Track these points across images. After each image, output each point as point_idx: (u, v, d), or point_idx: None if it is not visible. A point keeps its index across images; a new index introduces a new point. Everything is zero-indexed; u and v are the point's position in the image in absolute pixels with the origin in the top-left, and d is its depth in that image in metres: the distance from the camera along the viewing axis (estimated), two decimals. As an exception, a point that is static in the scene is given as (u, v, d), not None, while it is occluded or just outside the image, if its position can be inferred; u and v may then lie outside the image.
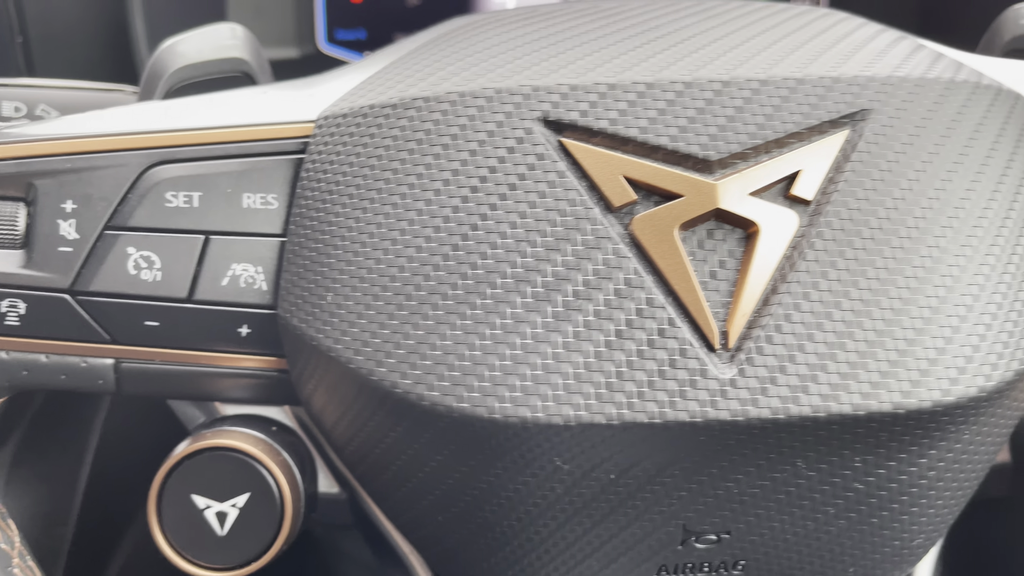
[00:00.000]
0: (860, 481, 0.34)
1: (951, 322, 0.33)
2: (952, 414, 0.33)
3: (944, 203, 0.33)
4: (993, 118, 0.36)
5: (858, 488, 0.35)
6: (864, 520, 0.35)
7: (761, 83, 0.34)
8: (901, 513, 0.36)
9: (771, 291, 0.32)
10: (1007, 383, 0.33)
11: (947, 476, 0.36)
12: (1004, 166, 0.35)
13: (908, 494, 0.35)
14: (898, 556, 0.38)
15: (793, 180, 0.33)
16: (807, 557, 0.37)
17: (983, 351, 0.33)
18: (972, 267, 0.33)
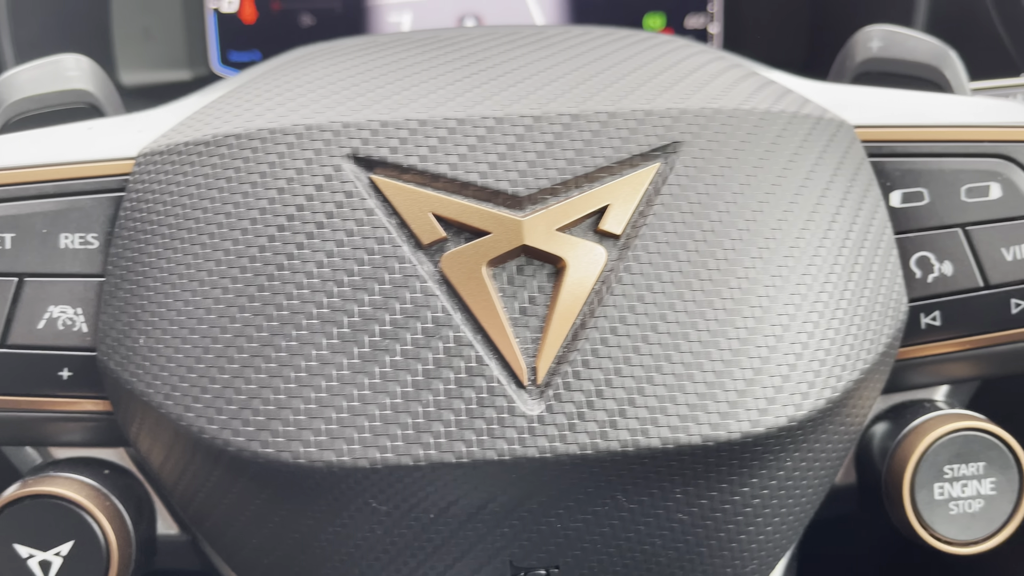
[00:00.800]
0: (683, 512, 0.34)
1: (761, 353, 0.33)
2: (765, 444, 0.33)
3: (755, 233, 0.34)
4: (811, 147, 0.36)
5: (682, 519, 0.35)
6: (692, 550, 0.36)
7: (572, 118, 0.34)
8: (730, 541, 0.36)
9: (580, 326, 0.32)
10: (820, 412, 0.34)
11: (774, 503, 0.36)
12: (820, 195, 0.35)
13: (734, 522, 0.35)
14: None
15: (603, 214, 0.33)
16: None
17: (793, 380, 0.33)
18: (783, 297, 0.34)
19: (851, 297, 0.35)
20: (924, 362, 0.41)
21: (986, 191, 0.39)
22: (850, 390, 0.35)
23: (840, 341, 0.34)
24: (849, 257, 0.35)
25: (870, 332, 0.35)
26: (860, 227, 0.36)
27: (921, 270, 0.39)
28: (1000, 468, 0.40)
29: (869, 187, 0.38)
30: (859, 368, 0.35)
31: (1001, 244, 0.39)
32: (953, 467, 0.40)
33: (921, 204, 0.39)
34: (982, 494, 0.40)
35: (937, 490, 0.40)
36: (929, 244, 0.39)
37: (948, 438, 0.40)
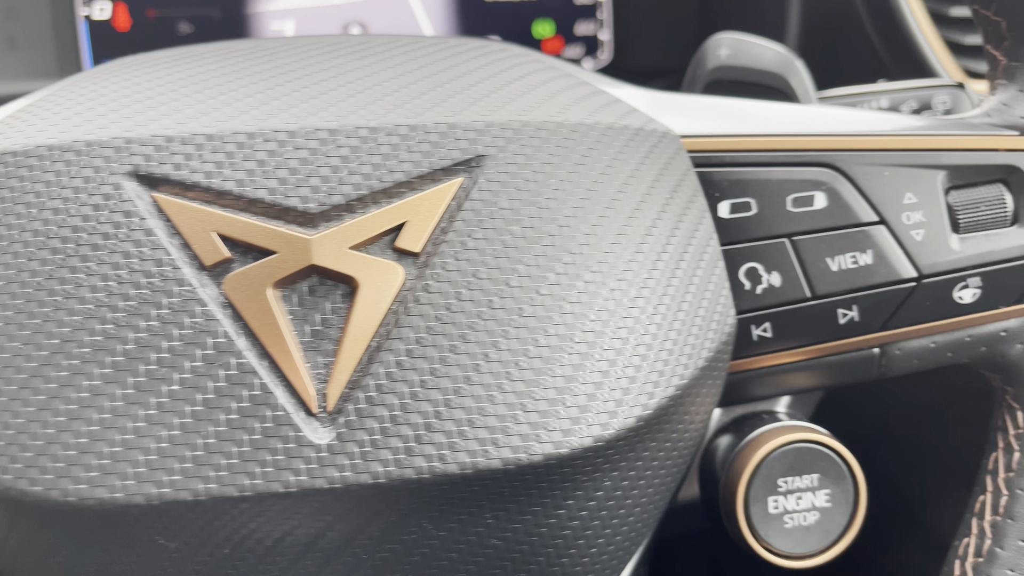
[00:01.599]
0: (497, 537, 0.33)
1: (565, 372, 0.32)
2: (574, 465, 0.32)
3: (562, 248, 0.33)
4: (627, 158, 0.35)
5: (496, 544, 0.33)
6: (512, 575, 0.34)
7: (371, 131, 0.32)
8: (551, 565, 0.35)
9: (375, 349, 0.31)
10: (632, 429, 0.33)
11: (597, 523, 0.35)
12: (635, 206, 0.35)
13: (554, 545, 0.34)
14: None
15: (400, 231, 0.32)
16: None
17: (600, 399, 0.32)
18: (590, 312, 0.33)
19: (666, 311, 0.34)
20: (760, 374, 0.41)
21: (811, 200, 0.38)
22: (666, 406, 0.34)
23: (653, 356, 0.33)
24: (666, 269, 0.35)
25: (688, 346, 0.35)
26: (681, 238, 0.36)
27: (750, 281, 0.39)
28: (834, 480, 0.40)
29: (694, 197, 0.37)
30: (674, 383, 0.34)
31: (826, 254, 0.38)
32: (787, 480, 0.40)
33: (749, 214, 0.38)
34: (817, 506, 0.40)
35: (771, 504, 0.39)
36: (757, 255, 0.39)
37: (781, 451, 0.40)
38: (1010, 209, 0.38)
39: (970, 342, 0.39)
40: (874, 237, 0.38)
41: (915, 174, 0.38)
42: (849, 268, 0.38)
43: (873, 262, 0.38)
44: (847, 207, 0.38)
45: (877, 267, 0.38)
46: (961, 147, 0.38)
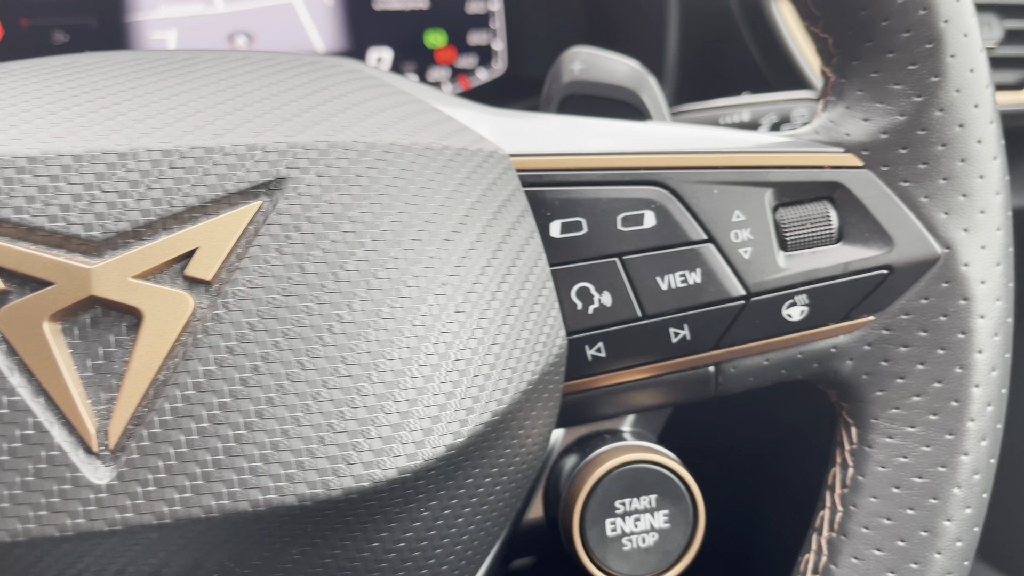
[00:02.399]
0: (306, 574, 0.32)
1: (368, 401, 0.31)
2: (379, 498, 0.31)
3: (367, 273, 0.32)
4: (445, 178, 0.34)
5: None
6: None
7: (163, 154, 0.31)
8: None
9: (162, 383, 0.30)
10: (441, 459, 0.32)
11: (417, 555, 0.34)
12: (452, 228, 0.34)
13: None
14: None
15: (191, 259, 0.30)
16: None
17: (406, 428, 0.31)
18: (397, 339, 0.32)
19: (484, 334, 0.33)
20: (599, 393, 0.40)
21: (641, 219, 0.38)
22: (484, 431, 0.33)
23: (467, 382, 0.33)
24: (485, 291, 0.34)
25: (509, 369, 0.34)
26: (504, 258, 0.35)
27: (582, 301, 0.38)
28: (672, 500, 0.39)
29: (521, 217, 0.36)
30: (491, 408, 0.33)
31: (656, 273, 0.38)
32: (625, 501, 0.39)
33: (580, 234, 0.38)
34: (655, 527, 0.39)
35: (609, 526, 0.39)
36: (589, 275, 0.38)
37: (617, 472, 0.39)
38: (835, 226, 0.38)
39: (802, 359, 0.39)
40: (703, 256, 0.38)
41: (743, 192, 0.38)
42: (679, 287, 0.38)
43: (702, 281, 0.38)
44: (676, 225, 0.38)
45: (706, 286, 0.38)
46: (787, 164, 0.38)
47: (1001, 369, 0.38)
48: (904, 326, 0.38)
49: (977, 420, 0.37)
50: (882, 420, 0.39)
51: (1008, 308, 0.38)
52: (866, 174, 0.38)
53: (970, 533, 0.38)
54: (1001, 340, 0.38)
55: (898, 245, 0.37)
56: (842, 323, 0.39)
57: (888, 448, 0.38)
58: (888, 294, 0.38)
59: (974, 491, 0.37)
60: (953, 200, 0.37)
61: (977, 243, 0.37)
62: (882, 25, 0.37)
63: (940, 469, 0.37)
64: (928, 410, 0.38)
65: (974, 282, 0.37)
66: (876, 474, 0.38)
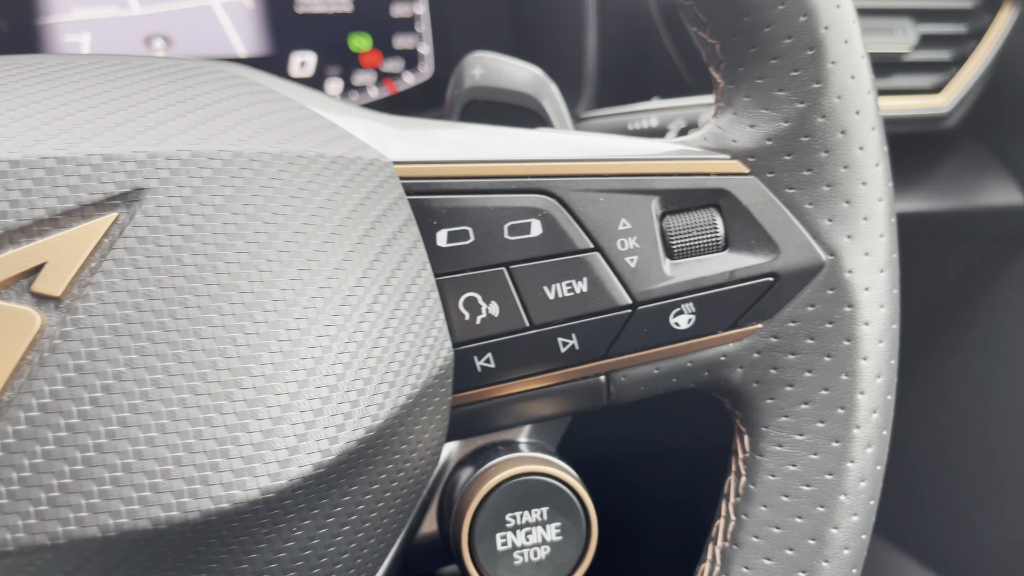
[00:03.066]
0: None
1: (228, 420, 0.30)
2: (243, 520, 0.30)
3: (229, 287, 0.31)
4: (318, 187, 0.34)
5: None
6: None
7: (11, 164, 0.30)
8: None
9: (6, 404, 0.28)
10: (308, 478, 0.31)
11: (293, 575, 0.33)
12: (325, 238, 0.33)
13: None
14: None
15: (38, 273, 0.29)
16: None
17: (270, 447, 0.30)
18: (261, 355, 0.31)
19: (357, 348, 0.32)
20: (492, 404, 0.39)
21: (528, 228, 0.37)
22: (358, 448, 0.32)
23: (338, 398, 0.32)
24: (360, 303, 0.33)
25: (386, 383, 0.33)
26: (383, 269, 0.34)
27: (469, 312, 0.37)
28: (564, 512, 0.39)
29: (403, 226, 0.35)
30: (365, 424, 0.32)
31: (543, 283, 0.37)
32: (516, 514, 0.39)
33: (467, 243, 0.37)
34: (547, 540, 0.39)
35: (499, 540, 0.38)
36: (476, 284, 0.37)
37: (508, 485, 0.39)
38: (721, 234, 0.38)
39: (692, 367, 0.39)
40: (590, 264, 0.37)
41: (629, 200, 0.38)
42: (566, 296, 0.37)
43: (589, 290, 0.37)
44: (562, 234, 0.37)
45: (593, 295, 0.37)
46: (673, 172, 0.38)
47: (886, 376, 0.38)
48: (791, 333, 0.38)
49: (863, 427, 0.37)
50: (772, 428, 0.38)
51: (892, 315, 0.38)
52: (752, 181, 0.37)
53: (857, 541, 0.38)
54: (886, 347, 0.38)
55: (783, 252, 0.37)
56: (730, 331, 0.38)
57: (778, 456, 0.38)
58: (775, 301, 0.38)
59: (860, 498, 0.37)
60: (837, 207, 0.37)
61: (861, 250, 0.37)
62: (765, 31, 0.37)
63: (827, 477, 0.37)
64: (816, 418, 0.38)
65: (858, 289, 0.37)
66: (766, 483, 0.38)
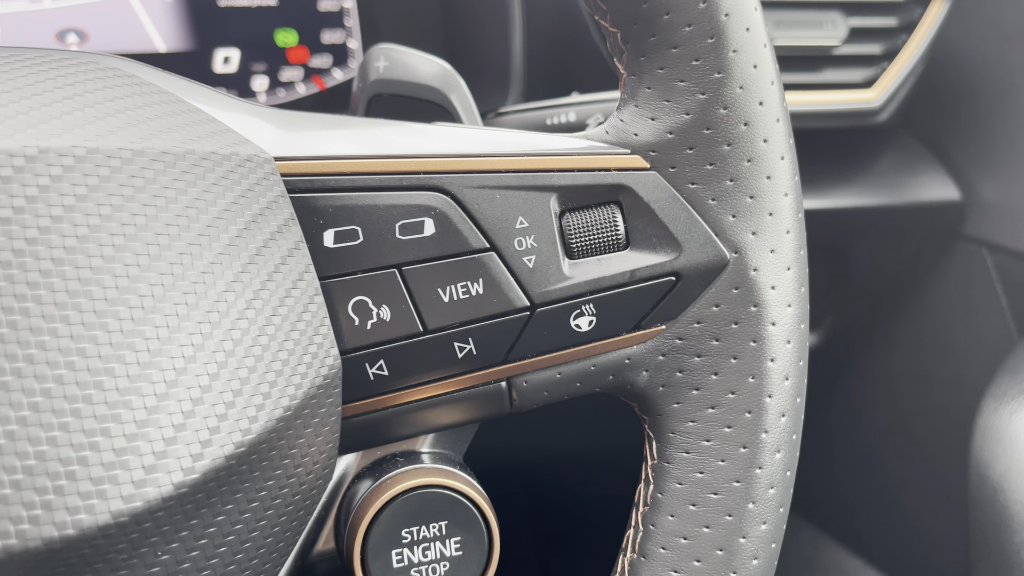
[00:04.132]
0: None
1: (75, 439, 0.27)
2: (108, 536, 0.28)
3: (77, 294, 0.28)
4: (186, 185, 0.31)
5: None
6: None
7: None
8: None
9: None
10: (169, 499, 0.29)
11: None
12: (192, 240, 0.31)
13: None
14: None
15: None
16: None
17: (121, 467, 0.28)
18: (116, 368, 0.28)
19: (225, 358, 0.30)
20: (387, 414, 0.37)
21: (420, 227, 0.35)
22: (223, 467, 0.30)
23: (204, 411, 0.29)
24: (230, 310, 0.31)
25: (260, 395, 0.31)
26: (258, 272, 0.32)
27: (359, 316, 0.35)
28: (464, 526, 0.37)
29: (283, 226, 0.33)
30: (234, 439, 0.30)
31: (437, 285, 0.35)
32: (412, 530, 0.37)
33: (355, 244, 0.35)
34: (447, 556, 0.37)
35: (395, 557, 0.36)
36: (366, 287, 0.35)
37: (402, 499, 0.36)
38: (622, 232, 0.36)
39: (595, 371, 0.37)
40: (485, 265, 0.35)
41: (527, 197, 0.36)
42: (462, 299, 0.36)
43: (485, 292, 0.36)
44: (457, 233, 0.35)
45: (489, 297, 0.36)
46: (572, 167, 0.36)
47: (795, 378, 0.36)
48: (696, 335, 0.36)
49: (771, 432, 0.36)
50: (679, 434, 0.37)
51: (801, 314, 0.36)
52: (653, 176, 0.36)
53: (767, 550, 0.36)
54: (794, 348, 0.36)
55: (686, 250, 0.36)
56: (633, 333, 0.37)
57: (685, 463, 0.37)
58: (678, 302, 0.36)
59: (769, 506, 0.36)
60: (740, 202, 0.35)
61: (766, 247, 0.36)
62: (664, 19, 0.35)
63: (735, 484, 0.36)
64: (723, 422, 0.36)
65: (764, 288, 0.36)
66: (674, 491, 0.37)
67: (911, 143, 0.84)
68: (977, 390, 0.83)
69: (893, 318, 0.91)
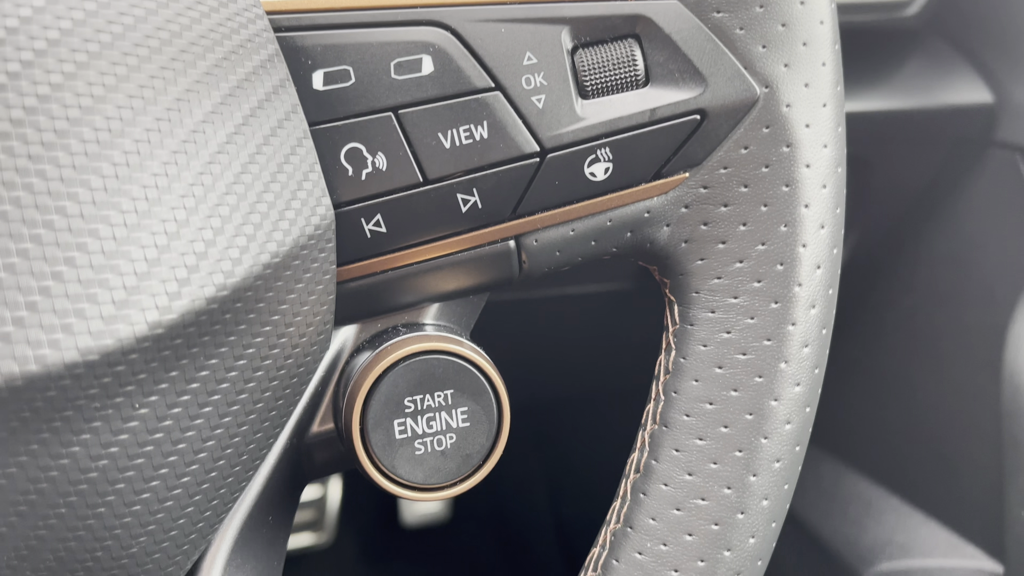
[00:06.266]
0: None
1: (39, 267, 0.25)
2: (61, 387, 0.25)
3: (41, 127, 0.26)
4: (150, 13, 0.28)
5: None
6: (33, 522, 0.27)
7: None
8: (85, 514, 0.28)
9: None
10: (144, 338, 0.26)
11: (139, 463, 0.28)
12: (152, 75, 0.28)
13: (78, 490, 0.27)
14: (126, 565, 0.30)
15: None
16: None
17: (88, 299, 0.25)
18: (81, 193, 0.26)
19: (203, 194, 0.27)
20: (386, 279, 0.35)
21: (418, 65, 0.32)
22: (203, 310, 0.27)
23: (180, 248, 0.27)
24: (205, 146, 0.28)
25: (242, 237, 0.28)
26: (236, 110, 0.29)
27: (352, 165, 0.32)
28: (472, 395, 0.34)
29: (266, 63, 0.30)
30: (215, 282, 0.27)
31: (437, 129, 0.32)
32: (416, 399, 0.34)
33: (347, 85, 0.32)
34: (453, 427, 0.34)
35: (398, 427, 0.34)
36: (359, 133, 0.32)
37: (405, 365, 0.34)
38: (641, 68, 0.33)
39: (612, 226, 0.34)
40: (490, 106, 0.32)
41: (535, 30, 0.32)
42: (464, 144, 0.32)
43: (490, 136, 0.32)
44: (458, 71, 0.32)
45: (495, 141, 0.32)
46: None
47: (832, 226, 0.33)
48: (723, 182, 0.33)
49: (805, 285, 0.33)
50: (703, 292, 0.34)
51: (837, 156, 0.33)
52: (674, 5, 0.32)
53: (801, 414, 0.33)
54: (830, 192, 0.33)
55: (711, 85, 0.32)
56: (654, 182, 0.34)
57: (710, 324, 0.34)
58: (703, 144, 0.33)
59: (804, 366, 0.33)
60: (772, 30, 0.32)
61: (800, 80, 0.32)
62: None
63: (766, 343, 0.33)
64: (752, 277, 0.33)
65: (798, 125, 0.32)
66: (697, 354, 0.34)
67: (941, 46, 0.80)
68: (1008, 306, 0.80)
69: (919, 233, 0.88)
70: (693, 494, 0.33)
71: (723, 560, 0.33)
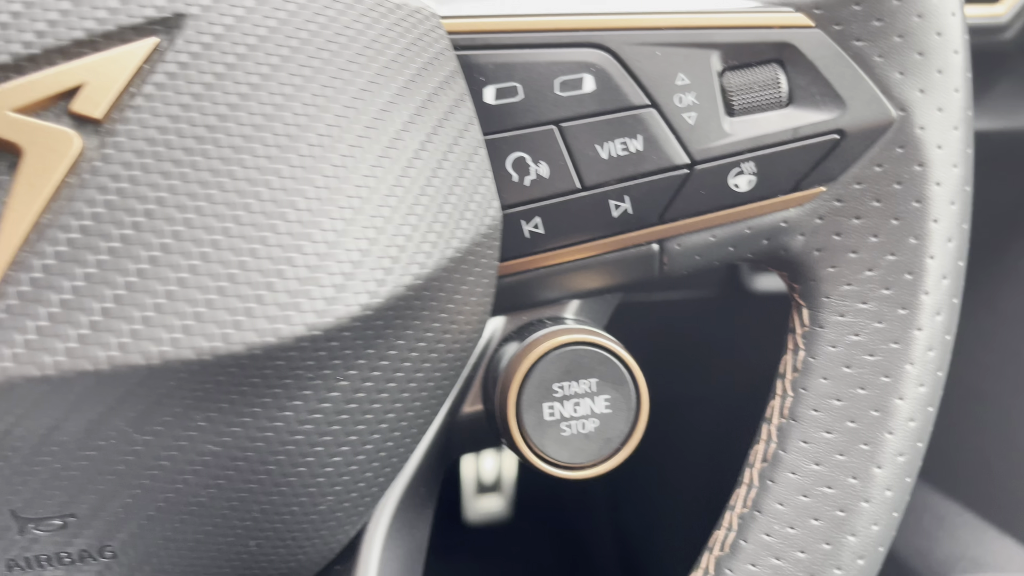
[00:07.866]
0: (214, 442, 0.30)
1: (272, 252, 0.29)
2: (287, 358, 0.29)
3: (272, 118, 0.29)
4: (366, 27, 0.32)
5: (214, 450, 0.30)
6: (237, 486, 0.31)
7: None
8: (285, 475, 0.32)
9: (45, 225, 0.27)
10: (356, 318, 0.30)
11: (336, 429, 0.32)
12: (369, 81, 0.31)
13: (285, 451, 0.31)
14: (310, 524, 0.34)
15: (76, 94, 0.28)
16: (189, 534, 0.32)
17: (314, 283, 0.29)
18: (305, 189, 0.29)
19: (404, 194, 0.31)
20: (539, 275, 0.38)
21: (580, 83, 0.36)
22: (401, 296, 0.31)
23: (385, 241, 0.30)
24: (405, 150, 0.31)
25: (433, 234, 0.32)
26: (429, 118, 0.33)
27: (518, 172, 0.36)
28: (614, 384, 0.37)
29: (450, 78, 0.34)
30: (412, 272, 0.31)
31: (595, 141, 0.36)
32: (563, 385, 0.37)
33: (515, 100, 0.36)
34: (596, 413, 0.37)
35: (547, 410, 0.37)
36: (525, 144, 0.36)
37: (556, 354, 0.37)
38: (784, 90, 0.36)
39: (750, 235, 0.37)
40: (645, 121, 0.36)
41: (688, 54, 0.36)
42: (620, 155, 0.36)
43: (644, 148, 0.36)
44: (616, 90, 0.36)
45: (648, 153, 0.36)
46: (735, 24, 0.36)
47: (958, 240, 0.36)
48: (857, 196, 0.36)
49: (932, 293, 0.36)
50: (834, 298, 0.37)
51: (966, 175, 0.36)
52: (817, 34, 0.36)
53: (923, 413, 0.36)
54: (958, 209, 0.36)
55: (850, 108, 0.35)
56: (792, 194, 0.37)
57: (839, 327, 0.37)
58: (840, 161, 0.36)
59: (928, 368, 0.36)
60: (909, 59, 0.35)
61: (934, 105, 0.35)
62: None
63: (893, 345, 0.36)
64: (881, 284, 0.36)
65: (930, 146, 0.35)
66: (827, 354, 0.37)
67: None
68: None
69: (1004, 252, 0.89)
70: (820, 482, 0.36)
71: (847, 544, 0.35)
